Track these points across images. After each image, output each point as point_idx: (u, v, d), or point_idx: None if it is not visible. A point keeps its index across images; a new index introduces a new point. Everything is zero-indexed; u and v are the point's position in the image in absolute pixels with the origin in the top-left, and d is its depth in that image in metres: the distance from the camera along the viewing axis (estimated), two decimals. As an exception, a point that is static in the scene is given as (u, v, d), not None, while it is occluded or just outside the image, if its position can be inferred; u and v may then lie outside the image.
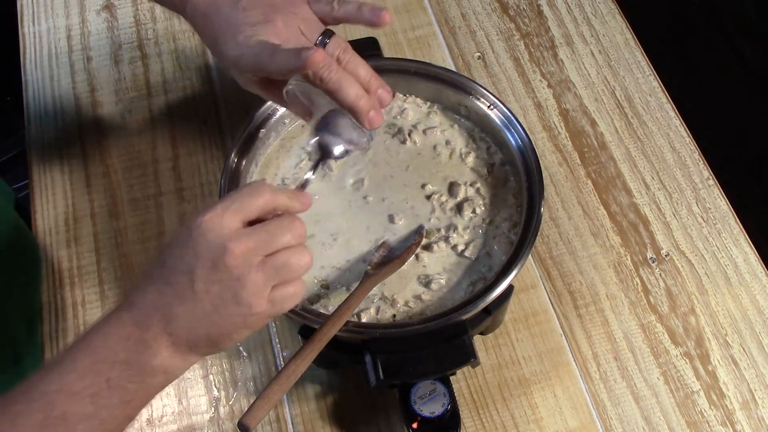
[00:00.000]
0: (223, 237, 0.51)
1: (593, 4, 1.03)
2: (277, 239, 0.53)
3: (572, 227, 0.85)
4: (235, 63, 0.64)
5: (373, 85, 0.64)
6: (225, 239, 0.51)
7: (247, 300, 0.52)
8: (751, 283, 0.82)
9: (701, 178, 0.89)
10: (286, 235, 0.54)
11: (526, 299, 0.81)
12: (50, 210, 0.86)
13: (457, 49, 0.98)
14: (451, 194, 0.76)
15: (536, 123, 0.93)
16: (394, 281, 0.71)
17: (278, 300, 0.53)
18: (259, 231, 0.53)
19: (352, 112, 0.63)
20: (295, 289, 0.55)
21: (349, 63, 0.64)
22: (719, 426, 0.75)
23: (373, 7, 0.66)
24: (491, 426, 0.74)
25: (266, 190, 0.54)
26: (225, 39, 0.64)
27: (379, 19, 0.66)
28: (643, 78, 0.96)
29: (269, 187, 0.55)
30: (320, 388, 0.76)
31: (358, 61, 0.64)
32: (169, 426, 0.74)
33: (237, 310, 0.52)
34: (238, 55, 0.63)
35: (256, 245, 0.52)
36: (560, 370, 0.77)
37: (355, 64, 0.64)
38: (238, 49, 0.63)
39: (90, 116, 0.92)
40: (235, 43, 0.63)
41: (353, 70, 0.63)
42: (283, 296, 0.54)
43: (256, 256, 0.52)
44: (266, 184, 0.55)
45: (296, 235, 0.54)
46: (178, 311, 0.51)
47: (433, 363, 0.65)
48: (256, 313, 0.52)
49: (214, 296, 0.51)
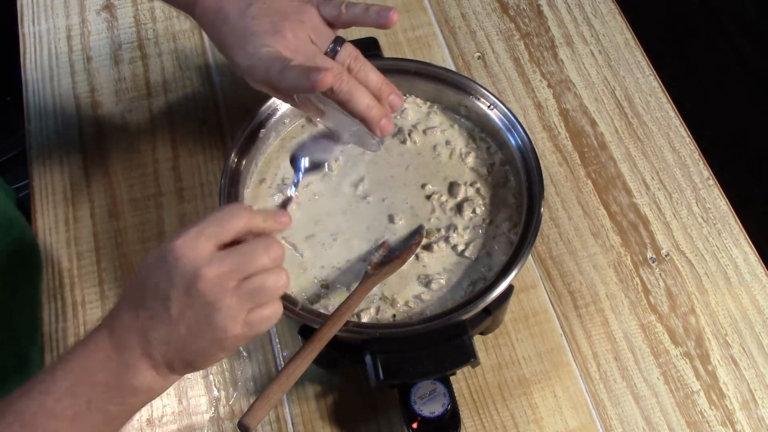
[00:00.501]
0: (196, 261, 0.50)
1: (593, 4, 1.03)
2: (252, 262, 0.52)
3: (572, 227, 0.85)
4: (245, 73, 0.64)
5: (385, 92, 0.65)
6: (198, 264, 0.50)
7: (221, 324, 0.51)
8: (751, 283, 0.82)
9: (701, 178, 0.89)
10: (262, 257, 0.52)
11: (526, 299, 0.81)
12: (50, 210, 0.86)
13: (457, 49, 0.98)
14: (451, 194, 0.76)
15: (536, 123, 0.93)
16: (394, 281, 0.71)
17: (255, 322, 0.53)
18: (234, 254, 0.52)
19: (363, 121, 0.64)
20: (272, 310, 0.54)
21: (360, 71, 0.64)
22: (719, 426, 0.75)
23: (380, 8, 0.66)
24: (491, 426, 0.74)
25: (242, 213, 0.53)
26: (234, 47, 0.64)
27: (386, 20, 0.66)
28: (643, 78, 0.96)
29: (245, 210, 0.54)
30: (320, 388, 0.76)
31: (368, 68, 0.64)
32: (169, 426, 0.74)
33: (212, 335, 0.51)
34: (249, 66, 0.63)
35: (231, 269, 0.51)
36: (560, 370, 0.77)
37: (365, 72, 0.64)
38: (248, 60, 0.63)
39: (90, 116, 0.92)
40: (245, 53, 0.63)
41: (364, 78, 0.64)
42: (260, 318, 0.53)
43: (231, 280, 0.51)
44: (242, 206, 0.55)
45: (273, 257, 0.53)
46: (154, 335, 0.51)
47: (433, 363, 0.65)
48: (231, 336, 0.52)
49: (189, 320, 0.51)
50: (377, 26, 0.67)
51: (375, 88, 0.64)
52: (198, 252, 0.51)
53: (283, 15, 0.64)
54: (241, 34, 0.63)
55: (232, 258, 0.51)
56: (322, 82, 0.58)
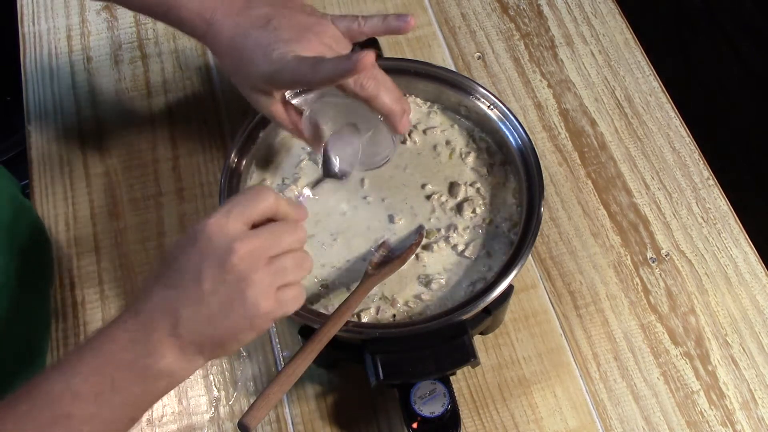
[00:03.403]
0: (228, 238, 0.52)
1: (593, 4, 1.03)
2: (282, 241, 0.54)
3: (572, 227, 0.85)
4: (269, 79, 0.65)
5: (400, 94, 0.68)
6: (231, 240, 0.52)
7: (253, 299, 0.52)
8: (751, 283, 0.82)
9: (701, 178, 0.89)
10: (289, 237, 0.55)
11: (526, 299, 0.81)
12: (50, 210, 0.86)
13: (457, 49, 0.98)
14: (451, 194, 0.76)
15: (536, 123, 0.93)
16: (394, 281, 0.71)
17: (284, 300, 0.54)
18: (264, 232, 0.54)
19: (388, 117, 0.67)
20: (298, 292, 0.56)
21: (379, 74, 0.67)
22: (719, 426, 0.75)
23: (398, 16, 0.68)
24: (491, 426, 0.74)
25: (270, 194, 0.55)
26: (256, 60, 0.64)
27: (406, 25, 0.68)
28: (643, 78, 0.96)
29: (272, 192, 0.56)
30: (320, 388, 0.76)
31: (384, 73, 0.67)
32: (169, 426, 0.74)
33: (243, 310, 0.52)
34: (274, 71, 0.63)
35: (262, 245, 0.53)
36: (560, 370, 0.77)
37: (383, 76, 0.67)
38: (272, 65, 0.63)
39: (90, 116, 0.92)
40: (269, 60, 0.63)
41: (383, 81, 0.66)
42: (289, 297, 0.55)
43: (262, 257, 0.53)
44: (269, 188, 0.56)
45: (298, 239, 0.56)
46: (184, 313, 0.52)
47: (433, 363, 0.65)
48: (262, 313, 0.53)
49: (222, 297, 0.52)
50: (397, 33, 0.69)
51: (393, 89, 0.67)
52: (230, 229, 0.53)
53: (304, 27, 0.66)
54: (265, 44, 0.64)
55: (263, 235, 0.54)
56: (364, 61, 0.58)
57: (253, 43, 0.65)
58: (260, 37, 0.64)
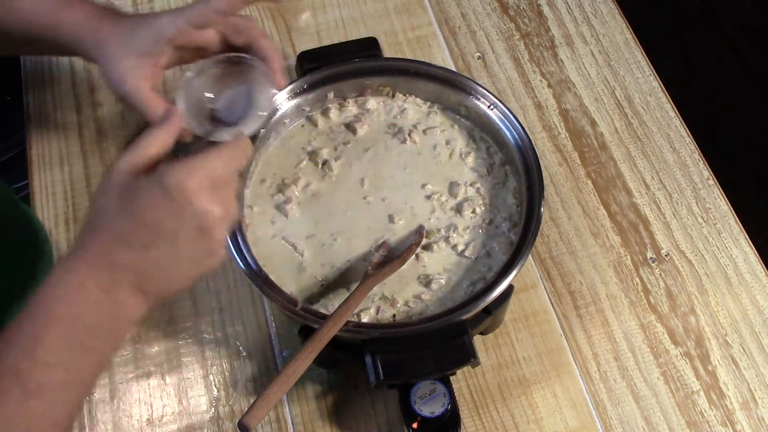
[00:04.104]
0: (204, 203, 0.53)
1: (593, 4, 1.03)
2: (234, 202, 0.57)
3: (572, 227, 0.85)
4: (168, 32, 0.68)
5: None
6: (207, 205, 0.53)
7: (214, 256, 0.56)
8: (751, 283, 0.82)
9: (701, 178, 0.89)
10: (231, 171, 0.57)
11: (526, 299, 0.81)
12: (50, 210, 0.86)
13: (457, 49, 0.98)
14: (451, 194, 0.76)
15: (536, 123, 0.93)
16: (394, 281, 0.71)
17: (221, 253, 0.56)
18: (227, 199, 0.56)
19: (268, 60, 0.69)
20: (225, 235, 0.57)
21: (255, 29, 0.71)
22: (719, 426, 0.75)
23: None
24: (491, 426, 0.74)
25: (242, 156, 0.58)
26: (158, 18, 0.70)
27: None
28: (643, 78, 0.96)
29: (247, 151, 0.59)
30: (320, 388, 0.76)
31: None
32: (169, 426, 0.74)
33: (204, 268, 0.56)
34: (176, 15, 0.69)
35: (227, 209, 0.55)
36: (560, 370, 0.77)
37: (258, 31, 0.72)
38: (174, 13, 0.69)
39: (90, 116, 0.92)
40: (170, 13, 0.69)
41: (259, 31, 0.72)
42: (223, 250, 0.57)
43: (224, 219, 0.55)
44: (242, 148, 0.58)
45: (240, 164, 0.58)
46: (154, 272, 0.54)
47: (433, 363, 0.65)
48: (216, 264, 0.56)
49: (192, 258, 0.55)
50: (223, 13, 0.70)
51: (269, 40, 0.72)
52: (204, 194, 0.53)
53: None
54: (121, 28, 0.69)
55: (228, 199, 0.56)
56: None
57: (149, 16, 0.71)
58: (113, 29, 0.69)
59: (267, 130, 0.78)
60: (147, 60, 0.69)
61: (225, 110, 0.68)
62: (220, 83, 0.69)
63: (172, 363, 0.77)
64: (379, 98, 0.83)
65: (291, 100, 0.79)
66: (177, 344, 0.77)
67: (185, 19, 0.68)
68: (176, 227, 0.53)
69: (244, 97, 0.68)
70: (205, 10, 0.68)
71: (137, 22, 0.70)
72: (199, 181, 0.53)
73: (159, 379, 0.76)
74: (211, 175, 0.54)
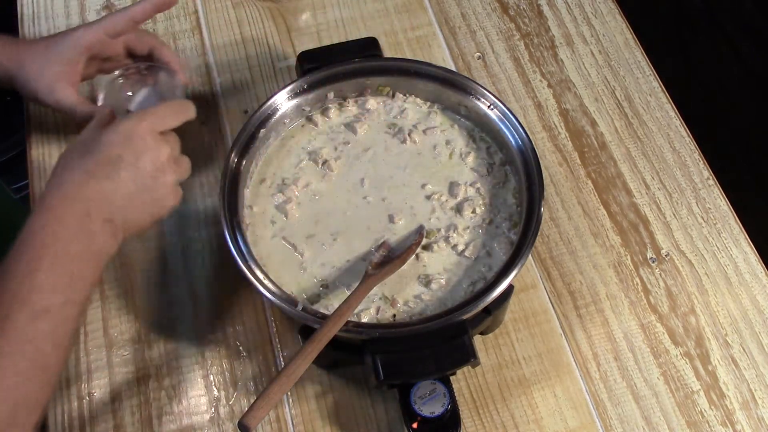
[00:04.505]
0: (158, 143, 0.66)
1: (593, 4, 1.03)
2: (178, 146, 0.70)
3: (572, 227, 0.85)
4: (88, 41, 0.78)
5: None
6: (159, 145, 0.66)
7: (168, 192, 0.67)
8: (751, 283, 0.82)
9: (701, 178, 0.89)
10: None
11: (526, 299, 0.81)
12: (50, 210, 0.86)
13: (457, 49, 0.98)
14: (451, 194, 0.77)
15: (536, 123, 0.93)
16: (394, 281, 0.71)
17: (178, 193, 0.69)
18: (172, 140, 0.69)
19: (170, 63, 0.82)
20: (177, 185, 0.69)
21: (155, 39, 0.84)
22: (719, 426, 0.75)
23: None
24: (491, 426, 0.74)
25: (190, 111, 0.71)
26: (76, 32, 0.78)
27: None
28: (643, 78, 0.96)
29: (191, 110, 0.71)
30: (320, 388, 0.76)
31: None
32: (169, 426, 0.74)
33: (164, 201, 0.67)
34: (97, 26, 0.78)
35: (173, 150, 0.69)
36: (560, 370, 0.77)
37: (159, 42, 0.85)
38: (92, 25, 0.78)
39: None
40: (89, 27, 0.78)
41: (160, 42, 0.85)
42: (177, 190, 0.69)
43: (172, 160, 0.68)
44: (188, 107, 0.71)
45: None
46: (120, 203, 0.63)
47: (433, 363, 0.65)
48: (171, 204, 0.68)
49: (152, 190, 0.66)
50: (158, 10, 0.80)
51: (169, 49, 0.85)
52: (157, 137, 0.66)
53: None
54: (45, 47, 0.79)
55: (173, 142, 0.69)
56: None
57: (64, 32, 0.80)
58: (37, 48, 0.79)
59: (267, 130, 0.78)
60: (70, 67, 0.78)
61: (139, 107, 0.81)
62: (132, 87, 0.82)
63: (172, 363, 0.77)
64: (379, 98, 0.83)
65: (291, 100, 0.79)
66: (177, 344, 0.77)
67: (100, 28, 0.78)
68: (135, 160, 0.64)
69: (155, 95, 0.82)
70: (122, 18, 0.78)
71: (52, 38, 0.79)
72: (150, 124, 0.65)
73: (159, 380, 0.76)
74: (160, 122, 0.66)
